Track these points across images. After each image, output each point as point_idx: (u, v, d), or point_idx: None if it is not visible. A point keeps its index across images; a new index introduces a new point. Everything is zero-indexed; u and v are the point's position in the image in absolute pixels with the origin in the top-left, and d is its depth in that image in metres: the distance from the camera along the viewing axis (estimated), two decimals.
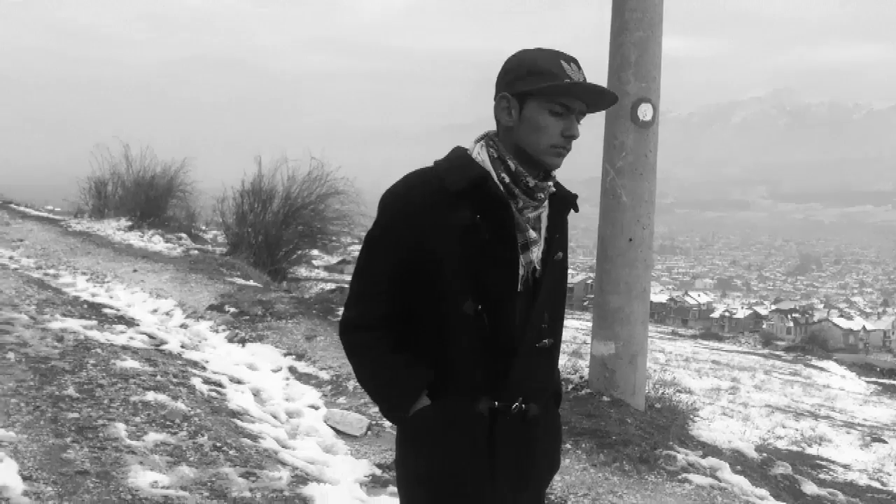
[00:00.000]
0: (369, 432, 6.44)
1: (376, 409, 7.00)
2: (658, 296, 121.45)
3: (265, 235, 15.40)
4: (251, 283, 11.89)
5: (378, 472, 5.50)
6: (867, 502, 6.97)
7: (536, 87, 2.17)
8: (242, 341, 8.88)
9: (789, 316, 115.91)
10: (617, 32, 7.42)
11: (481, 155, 2.26)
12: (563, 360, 13.02)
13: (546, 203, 2.30)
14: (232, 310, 9.89)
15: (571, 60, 2.21)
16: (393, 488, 5.27)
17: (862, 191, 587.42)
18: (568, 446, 5.89)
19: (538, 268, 2.28)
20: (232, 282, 11.64)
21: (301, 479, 5.06)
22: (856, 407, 17.71)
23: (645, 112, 7.32)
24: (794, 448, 10.59)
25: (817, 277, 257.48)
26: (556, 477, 5.45)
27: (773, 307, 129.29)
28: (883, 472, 9.72)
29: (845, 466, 9.68)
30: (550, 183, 2.28)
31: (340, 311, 10.37)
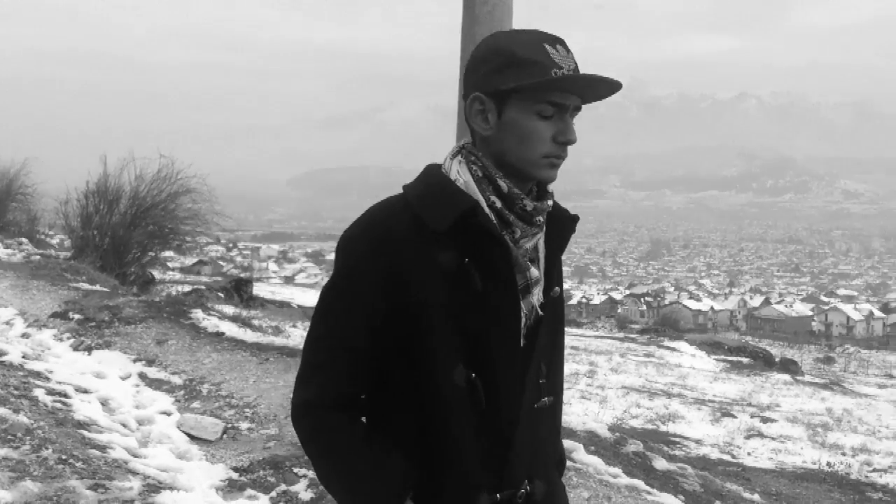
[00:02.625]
0: (225, 436, 6.28)
1: (232, 411, 6.84)
2: None
3: (112, 237, 14.84)
4: (98, 287, 11.43)
5: (234, 476, 5.38)
6: (717, 474, 7.30)
7: (518, 84, 1.67)
8: (89, 349, 8.51)
9: (642, 300, 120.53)
10: (468, 25, 7.47)
11: (462, 175, 1.75)
12: None
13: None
14: (77, 316, 9.47)
15: (557, 42, 1.71)
16: (251, 491, 5.16)
17: (708, 177, 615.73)
18: None
19: (540, 312, 1.81)
20: (77, 287, 11.16)
21: (153, 487, 4.89)
22: (706, 384, 18.57)
23: None
24: (650, 426, 11.00)
25: (668, 262, 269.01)
26: None
27: (628, 292, 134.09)
28: (733, 444, 10.21)
29: (697, 441, 10.12)
30: (550, 202, 1.81)
31: (194, 312, 10.13)
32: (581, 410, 11.23)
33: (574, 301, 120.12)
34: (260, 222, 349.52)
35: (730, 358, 28.49)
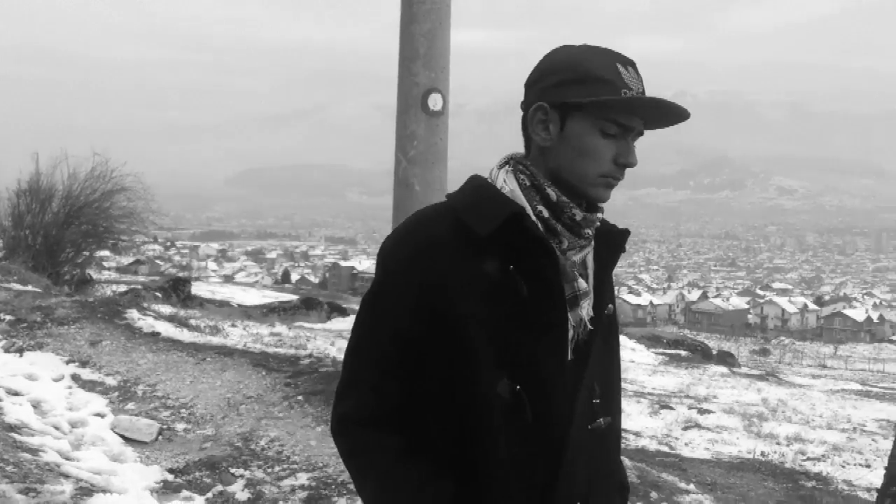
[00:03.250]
0: (160, 437, 6.19)
1: (168, 412, 6.74)
2: None
3: (45, 237, 14.55)
4: (30, 288, 11.19)
5: (170, 477, 5.31)
6: (655, 466, 7.39)
7: (588, 100, 1.63)
8: (20, 350, 8.32)
9: None
10: (406, 23, 7.46)
11: (509, 183, 1.70)
12: None
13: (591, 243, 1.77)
14: (8, 317, 9.25)
15: (629, 64, 1.68)
16: (187, 492, 5.09)
17: (647, 175, 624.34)
18: None
19: (589, 326, 1.73)
20: (8, 288, 10.91)
21: (86, 490, 4.80)
22: (646, 377, 18.82)
23: (435, 102, 7.41)
24: None
25: None
26: None
27: None
28: (671, 436, 10.36)
29: (637, 434, 10.24)
30: (599, 215, 1.75)
31: (129, 312, 9.95)
32: None
33: None
34: (199, 220, 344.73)
35: (669, 351, 28.91)
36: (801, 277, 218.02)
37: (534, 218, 1.67)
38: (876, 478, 7.57)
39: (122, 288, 16.77)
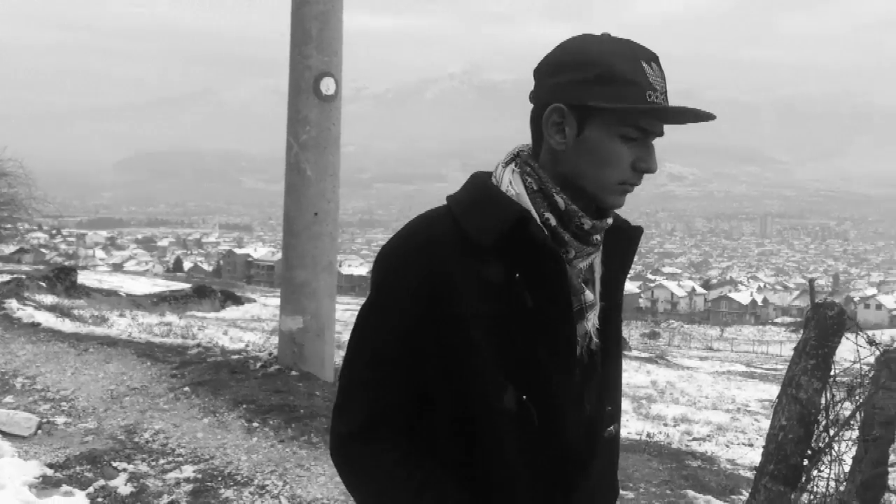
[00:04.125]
0: (40, 431, 5.96)
1: (48, 405, 6.49)
2: (359, 269, 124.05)
3: None
4: None
5: (49, 472, 5.11)
6: None
7: (616, 107, 1.50)
8: None
9: None
10: (298, 6, 7.34)
11: (514, 186, 1.58)
12: (254, 338, 12.85)
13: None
14: None
15: (653, 60, 1.55)
16: (67, 487, 4.91)
17: None
18: (255, 425, 5.80)
19: (595, 339, 1.67)
20: None
21: None
22: None
23: (328, 86, 7.32)
24: None
25: None
26: (243, 457, 5.35)
27: None
28: None
29: None
30: (609, 220, 1.64)
31: (7, 303, 9.55)
32: None
33: None
34: (86, 207, 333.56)
35: None
36: (690, 262, 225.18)
37: (540, 224, 1.55)
38: (758, 456, 7.86)
39: (5, 277, 16.07)
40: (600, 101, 1.50)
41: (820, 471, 5.55)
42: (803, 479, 5.45)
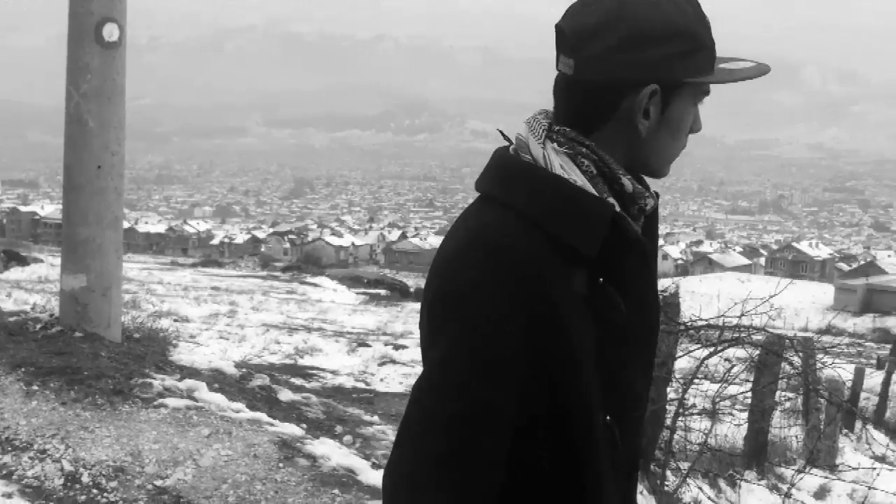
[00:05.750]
0: None
1: None
2: (157, 226, 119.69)
3: None
4: None
5: None
6: (350, 402, 7.56)
7: (718, 80, 1.38)
8: None
9: (286, 238, 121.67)
10: None
11: (569, 171, 1.35)
12: (41, 300, 12.16)
13: None
14: None
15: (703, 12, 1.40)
16: None
17: (350, 116, 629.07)
18: (35, 388, 5.50)
19: None
20: None
21: None
22: (345, 317, 19.21)
23: (111, 32, 6.93)
24: (288, 361, 11.16)
25: (311, 200, 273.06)
26: (22, 421, 5.07)
27: (271, 230, 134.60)
28: (367, 373, 10.66)
29: (334, 372, 10.44)
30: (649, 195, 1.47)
31: None
32: (219, 350, 11.12)
33: (216, 241, 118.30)
34: None
35: (369, 291, 29.74)
36: None
37: (629, 219, 1.38)
38: None
39: None
40: (696, 75, 1.36)
41: None
42: None
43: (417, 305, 19.11)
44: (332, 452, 4.89)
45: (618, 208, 1.35)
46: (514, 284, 1.27)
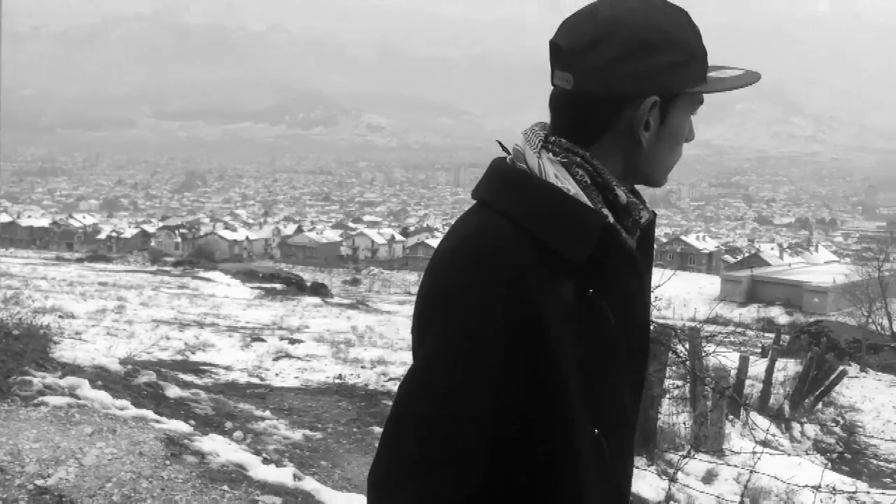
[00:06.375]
0: None
1: None
2: (40, 220, 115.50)
3: None
4: None
5: None
6: (244, 397, 7.41)
7: (714, 90, 1.39)
8: None
9: (177, 232, 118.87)
10: None
11: (563, 180, 1.35)
12: None
13: None
14: None
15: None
16: None
17: (242, 109, 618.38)
18: None
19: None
20: None
21: None
22: (240, 311, 18.91)
23: None
24: (179, 357, 10.90)
25: (203, 193, 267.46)
26: None
27: (161, 224, 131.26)
28: (262, 368, 10.49)
29: (227, 368, 10.23)
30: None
31: None
32: (105, 347, 10.78)
33: (103, 235, 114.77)
34: None
35: (264, 285, 29.27)
36: (390, 210, 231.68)
37: (622, 230, 1.39)
38: None
39: None
40: (693, 85, 1.37)
41: None
42: None
43: (314, 299, 19.14)
44: (221, 448, 4.78)
45: (611, 219, 1.35)
46: (498, 287, 1.27)
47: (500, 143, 1.51)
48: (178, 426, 5.11)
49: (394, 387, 9.20)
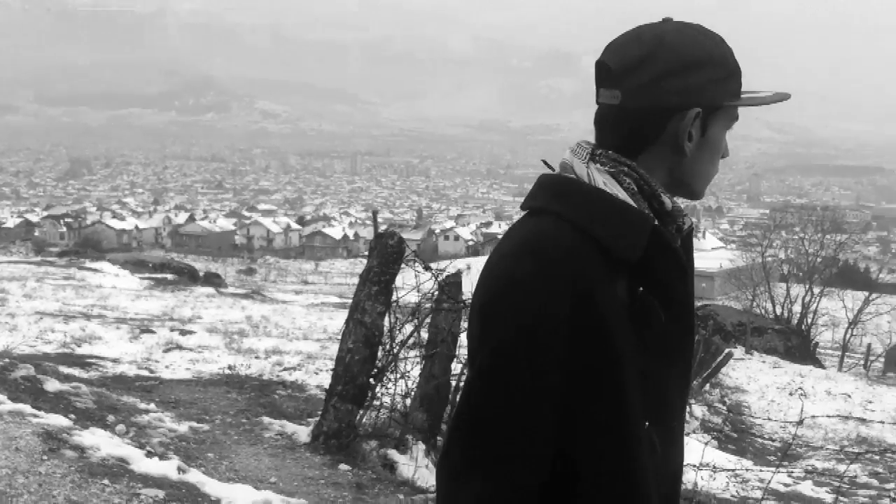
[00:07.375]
0: None
1: None
2: None
3: None
4: None
5: None
6: (133, 390, 7.22)
7: (749, 103, 1.49)
8: None
9: (62, 221, 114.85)
10: None
11: (610, 187, 1.44)
12: None
13: None
14: None
15: None
16: None
17: (130, 94, 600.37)
18: None
19: None
20: None
21: None
22: (129, 303, 18.38)
23: None
24: (64, 350, 10.56)
25: (89, 181, 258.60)
26: None
27: (45, 214, 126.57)
28: (151, 359, 10.23)
29: (115, 360, 9.94)
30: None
31: None
32: None
33: None
34: None
35: (155, 275, 28.54)
36: (285, 198, 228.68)
37: (669, 230, 1.49)
38: None
39: None
40: (733, 99, 1.48)
41: (386, 388, 5.97)
42: (369, 396, 5.82)
43: (207, 289, 18.78)
44: (101, 442, 4.65)
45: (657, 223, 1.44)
46: (559, 283, 1.33)
47: (544, 161, 1.58)
48: (58, 420, 4.94)
49: (289, 376, 9.12)
